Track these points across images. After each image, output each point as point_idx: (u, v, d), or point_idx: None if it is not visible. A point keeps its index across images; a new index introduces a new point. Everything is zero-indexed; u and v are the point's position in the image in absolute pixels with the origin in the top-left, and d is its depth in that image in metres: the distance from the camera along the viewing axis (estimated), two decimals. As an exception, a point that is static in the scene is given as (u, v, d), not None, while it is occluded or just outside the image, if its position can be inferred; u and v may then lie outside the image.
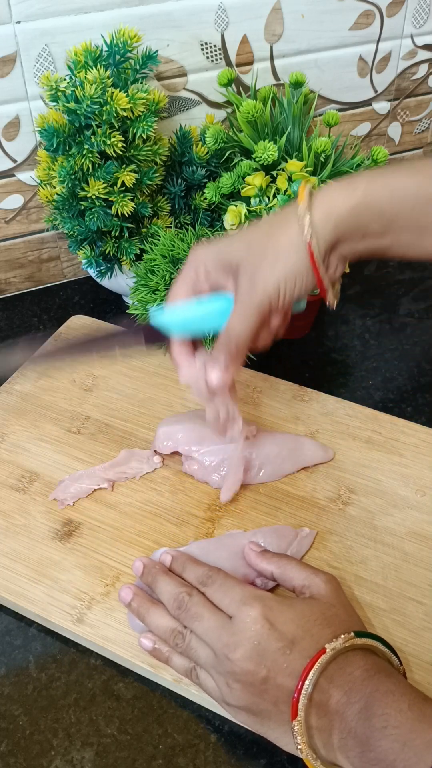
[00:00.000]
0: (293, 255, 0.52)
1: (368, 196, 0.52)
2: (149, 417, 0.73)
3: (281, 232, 0.53)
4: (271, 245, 0.53)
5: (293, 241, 0.52)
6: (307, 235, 0.52)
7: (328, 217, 0.52)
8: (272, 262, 0.53)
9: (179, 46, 0.81)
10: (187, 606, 0.52)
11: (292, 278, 0.53)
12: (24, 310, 0.90)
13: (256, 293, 0.53)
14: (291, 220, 0.53)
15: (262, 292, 0.53)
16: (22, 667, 0.57)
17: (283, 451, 0.67)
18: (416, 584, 0.59)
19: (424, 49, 0.94)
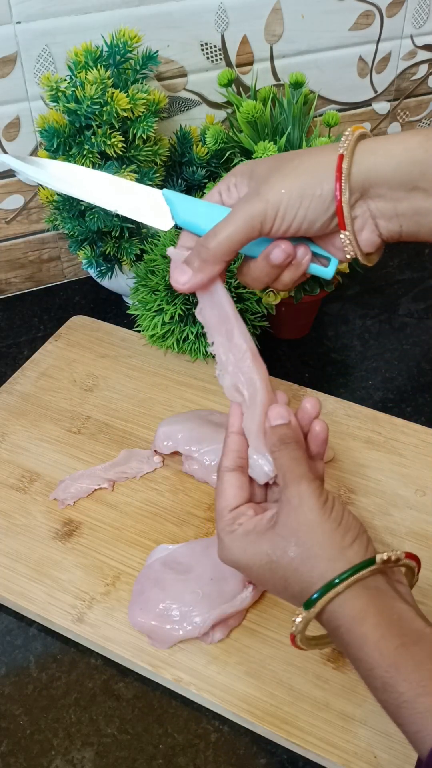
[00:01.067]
0: (311, 171, 0.46)
1: (426, 145, 0.46)
2: (149, 417, 0.73)
3: (312, 152, 0.48)
4: (295, 161, 0.47)
5: (319, 161, 0.47)
6: (343, 148, 0.46)
7: (374, 152, 0.46)
8: (285, 173, 0.47)
9: (179, 47, 0.81)
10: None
11: (299, 196, 0.46)
12: (24, 310, 0.90)
13: (254, 198, 0.47)
14: (328, 147, 0.47)
15: (259, 199, 0.47)
16: (22, 666, 0.57)
17: None
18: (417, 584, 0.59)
19: (424, 49, 0.94)
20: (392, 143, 0.47)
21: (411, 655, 0.40)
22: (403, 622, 0.42)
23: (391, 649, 0.40)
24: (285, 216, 0.47)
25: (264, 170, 0.49)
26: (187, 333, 0.76)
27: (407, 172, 0.46)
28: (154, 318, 0.76)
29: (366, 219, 0.49)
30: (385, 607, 0.42)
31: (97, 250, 0.78)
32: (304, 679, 0.54)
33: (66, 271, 0.94)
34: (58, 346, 0.81)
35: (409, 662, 0.40)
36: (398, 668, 0.40)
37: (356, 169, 0.46)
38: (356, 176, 0.46)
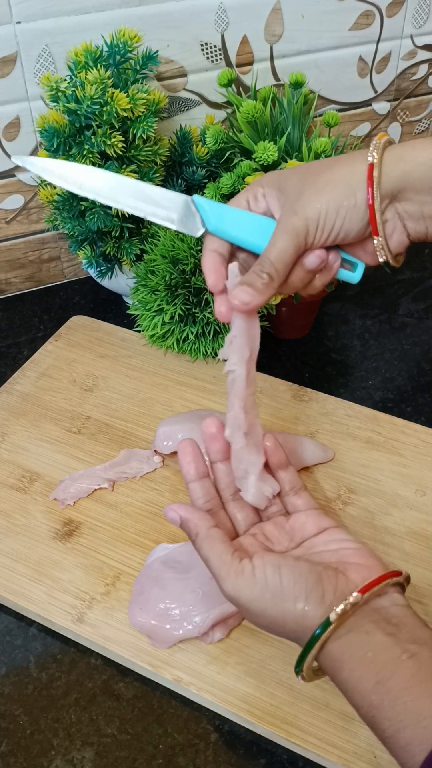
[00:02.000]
0: (344, 183, 0.48)
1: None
2: (149, 417, 0.73)
3: (342, 163, 0.49)
4: (326, 173, 0.49)
5: (351, 172, 0.48)
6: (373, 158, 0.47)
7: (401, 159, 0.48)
8: (319, 188, 0.49)
9: (179, 47, 0.81)
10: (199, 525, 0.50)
11: (335, 209, 0.48)
12: (24, 311, 0.90)
13: (294, 217, 0.49)
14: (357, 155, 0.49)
15: (299, 217, 0.49)
16: (22, 666, 0.57)
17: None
18: (416, 584, 0.59)
19: (424, 49, 0.94)
20: (419, 150, 0.48)
21: (387, 692, 0.41)
22: (379, 656, 0.42)
23: (369, 690, 0.41)
24: (324, 229, 0.50)
25: (295, 185, 0.50)
26: (187, 333, 0.76)
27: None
28: (154, 318, 0.76)
29: (396, 222, 0.51)
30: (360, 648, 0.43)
31: (97, 250, 0.78)
32: (304, 679, 0.54)
33: (66, 271, 0.94)
34: (58, 346, 0.81)
35: (385, 699, 0.41)
36: (377, 707, 0.41)
37: (386, 176, 0.48)
38: (386, 183, 0.48)
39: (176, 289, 0.75)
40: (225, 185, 0.77)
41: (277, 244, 0.50)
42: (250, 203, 0.53)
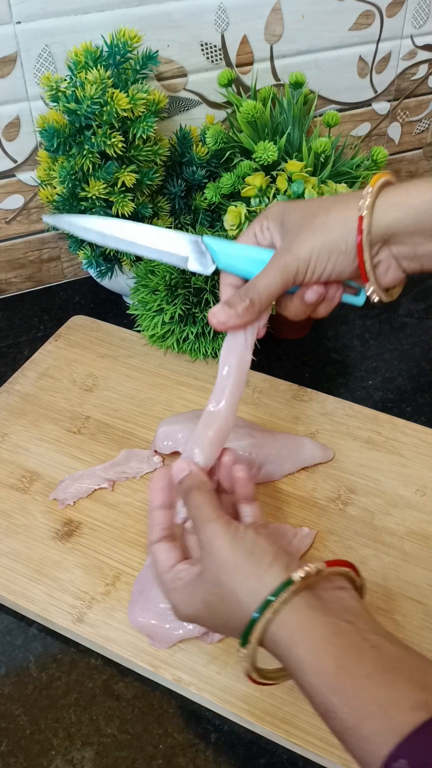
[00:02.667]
0: (338, 228, 0.50)
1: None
2: (149, 417, 0.73)
3: (338, 206, 0.50)
4: (322, 214, 0.50)
5: (344, 216, 0.49)
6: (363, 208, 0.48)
7: (395, 205, 0.49)
8: (314, 229, 0.50)
9: (179, 47, 0.81)
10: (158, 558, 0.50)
11: (327, 252, 0.50)
12: (24, 311, 0.90)
13: (288, 257, 0.51)
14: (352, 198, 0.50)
15: (292, 256, 0.51)
16: (22, 666, 0.57)
17: (283, 451, 0.67)
18: (416, 584, 0.59)
19: (424, 49, 0.94)
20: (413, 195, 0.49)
21: (350, 677, 0.39)
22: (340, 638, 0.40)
23: (330, 673, 0.39)
24: (315, 270, 0.51)
25: (295, 221, 0.52)
26: (187, 333, 0.76)
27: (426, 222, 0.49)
28: (154, 318, 0.76)
29: (389, 262, 0.52)
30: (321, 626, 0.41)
31: (97, 249, 0.78)
32: (304, 679, 0.54)
33: (66, 271, 0.94)
34: (58, 346, 0.81)
35: (348, 686, 0.38)
36: (338, 693, 0.39)
37: (377, 224, 0.49)
38: (377, 231, 0.49)
39: (176, 289, 0.75)
40: (225, 185, 0.77)
41: (266, 276, 0.52)
42: (257, 235, 0.55)
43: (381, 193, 0.49)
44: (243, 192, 0.76)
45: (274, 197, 0.75)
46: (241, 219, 0.75)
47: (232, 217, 0.76)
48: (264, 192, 0.75)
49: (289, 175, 0.75)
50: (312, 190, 0.73)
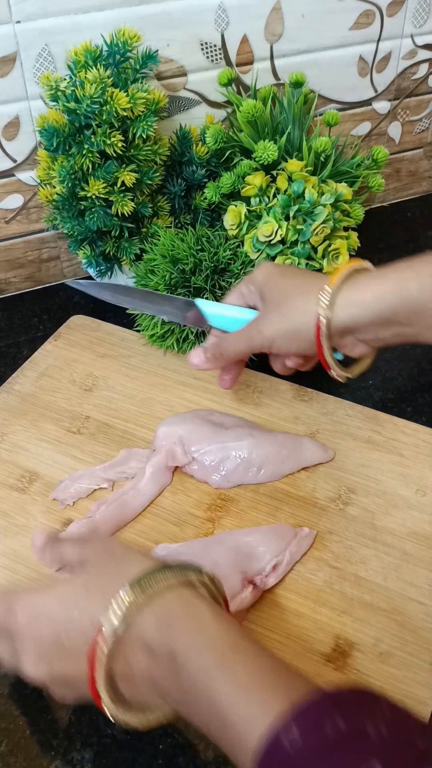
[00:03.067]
0: (299, 319, 0.56)
1: (397, 285, 0.54)
2: (149, 417, 0.73)
3: (303, 294, 0.56)
4: (290, 299, 0.57)
5: (306, 308, 0.55)
6: (320, 312, 0.54)
7: (351, 303, 0.54)
8: (281, 315, 0.57)
9: (179, 46, 0.81)
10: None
11: (290, 337, 0.57)
12: (24, 310, 0.90)
13: (255, 331, 0.59)
14: (316, 287, 0.55)
15: (258, 334, 0.59)
16: (22, 667, 0.57)
17: (283, 451, 0.67)
18: (416, 584, 0.59)
19: (424, 48, 0.94)
20: (366, 291, 0.55)
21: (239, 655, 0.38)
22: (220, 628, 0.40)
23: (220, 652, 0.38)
24: (281, 347, 0.60)
25: (270, 297, 0.59)
26: (187, 333, 0.76)
27: (381, 317, 0.54)
28: (154, 318, 0.76)
29: (354, 343, 0.59)
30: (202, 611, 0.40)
31: (96, 249, 0.78)
32: (304, 679, 0.54)
33: (65, 270, 0.94)
34: (58, 346, 0.81)
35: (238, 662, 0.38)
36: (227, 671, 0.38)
37: (335, 321, 0.55)
38: (336, 327, 0.55)
39: (176, 289, 0.75)
40: (225, 185, 0.77)
41: (236, 341, 0.61)
42: (244, 294, 0.63)
43: (342, 289, 0.54)
44: (243, 191, 0.76)
45: (274, 197, 0.75)
46: (241, 218, 0.75)
47: (232, 217, 0.76)
48: (264, 191, 0.75)
49: (289, 175, 0.75)
50: (312, 190, 0.73)
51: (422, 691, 0.53)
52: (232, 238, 0.77)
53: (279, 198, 0.73)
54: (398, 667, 0.54)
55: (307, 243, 0.73)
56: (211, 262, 0.74)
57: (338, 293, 0.54)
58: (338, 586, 0.59)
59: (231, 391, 0.74)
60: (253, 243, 0.74)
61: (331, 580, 0.60)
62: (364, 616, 0.57)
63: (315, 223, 0.72)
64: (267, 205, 0.75)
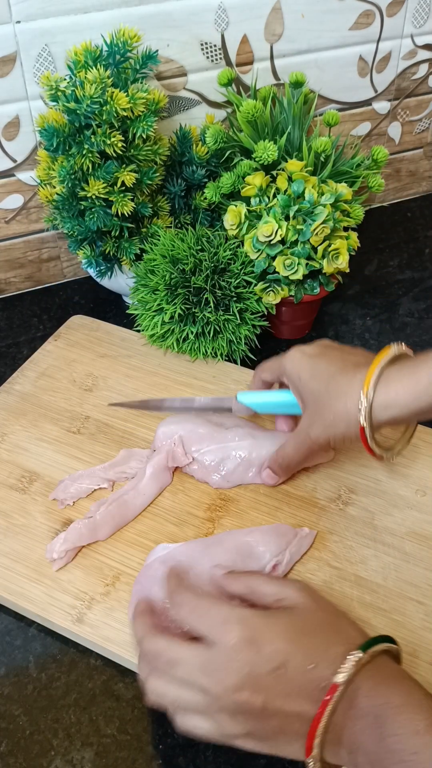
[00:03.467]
0: (343, 425, 0.58)
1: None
2: (149, 417, 0.73)
3: (341, 399, 0.58)
4: (329, 407, 0.58)
5: (346, 415, 0.57)
6: (362, 423, 0.56)
7: (389, 406, 0.56)
8: (327, 423, 0.59)
9: (179, 46, 0.81)
10: (157, 657, 0.46)
11: (339, 439, 0.59)
12: (24, 310, 0.90)
13: (309, 439, 0.61)
14: (351, 392, 0.57)
15: (313, 442, 0.61)
16: (22, 667, 0.57)
17: None
18: (416, 584, 0.59)
19: (424, 48, 0.94)
20: (402, 395, 0.56)
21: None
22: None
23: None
24: (334, 446, 0.68)
25: (309, 403, 0.61)
26: (187, 333, 0.76)
27: (420, 411, 0.56)
28: (154, 318, 0.76)
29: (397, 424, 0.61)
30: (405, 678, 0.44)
31: (96, 249, 0.78)
32: (304, 679, 0.54)
33: (65, 270, 0.94)
34: (58, 346, 0.81)
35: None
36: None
37: (376, 422, 0.57)
38: (378, 425, 0.57)
39: (176, 289, 0.74)
40: (225, 185, 0.77)
41: (297, 453, 0.63)
42: (274, 371, 0.65)
43: (377, 394, 0.56)
44: (243, 191, 0.76)
45: (274, 197, 0.75)
46: (241, 218, 0.75)
47: (232, 217, 0.76)
48: (264, 191, 0.75)
49: (289, 175, 0.75)
50: (312, 190, 0.73)
51: (422, 691, 0.53)
52: (232, 238, 0.77)
53: (279, 198, 0.73)
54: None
55: (307, 243, 0.73)
56: (211, 262, 0.74)
57: (374, 399, 0.56)
58: (338, 586, 0.59)
59: (231, 391, 0.74)
60: (253, 243, 0.74)
61: (331, 580, 0.60)
62: (364, 616, 0.57)
63: (315, 223, 0.72)
64: (267, 205, 0.75)
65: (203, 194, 0.80)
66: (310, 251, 0.73)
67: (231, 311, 0.75)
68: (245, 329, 0.76)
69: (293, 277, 0.73)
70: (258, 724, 0.44)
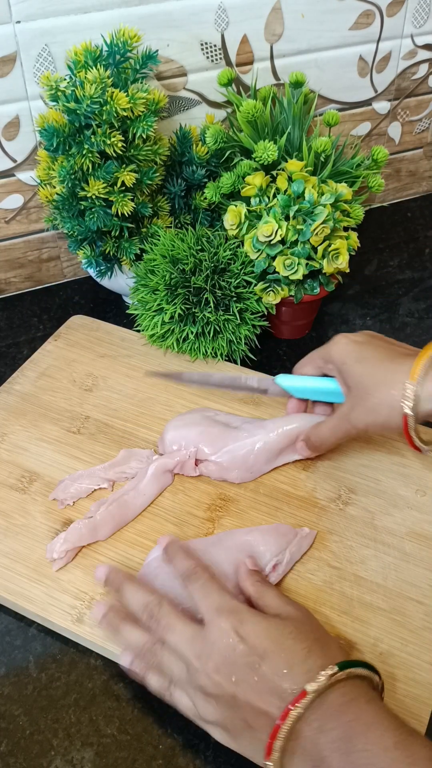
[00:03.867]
0: (386, 412, 0.57)
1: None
2: (149, 417, 0.73)
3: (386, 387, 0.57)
4: (374, 394, 0.58)
5: (391, 403, 0.56)
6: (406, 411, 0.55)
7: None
8: (368, 409, 0.58)
9: (179, 46, 0.81)
10: (158, 617, 0.51)
11: (380, 427, 0.59)
12: (24, 310, 0.90)
13: (349, 425, 0.60)
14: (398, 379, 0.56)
15: (353, 427, 0.60)
16: (22, 667, 0.57)
17: (296, 431, 0.67)
18: (416, 584, 0.59)
19: (424, 48, 0.94)
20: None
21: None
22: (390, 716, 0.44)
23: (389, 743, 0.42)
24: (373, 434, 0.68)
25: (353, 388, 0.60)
26: (187, 333, 0.76)
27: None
28: (154, 318, 0.76)
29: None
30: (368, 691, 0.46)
31: (96, 249, 0.78)
32: (304, 679, 0.54)
33: (65, 270, 0.94)
34: (58, 346, 0.81)
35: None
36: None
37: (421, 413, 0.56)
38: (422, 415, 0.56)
39: (176, 289, 0.74)
40: (225, 185, 0.77)
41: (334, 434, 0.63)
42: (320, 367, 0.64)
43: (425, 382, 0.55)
44: (243, 191, 0.76)
45: (274, 197, 0.75)
46: (241, 218, 0.75)
47: (232, 217, 0.76)
48: (264, 191, 0.75)
49: (289, 175, 0.75)
50: (312, 190, 0.73)
51: (422, 691, 0.53)
52: (232, 238, 0.77)
53: (279, 198, 0.73)
54: (398, 667, 0.54)
55: (307, 243, 0.73)
56: (211, 262, 0.74)
57: (421, 389, 0.55)
58: (338, 586, 0.59)
59: (231, 391, 0.74)
60: (253, 243, 0.74)
61: (331, 580, 0.60)
62: (364, 616, 0.57)
63: (315, 223, 0.72)
64: (267, 205, 0.74)
65: (203, 194, 0.80)
66: (310, 251, 0.73)
67: (231, 311, 0.75)
68: (245, 329, 0.76)
69: (293, 277, 0.73)
70: (227, 713, 0.46)
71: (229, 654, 0.47)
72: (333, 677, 0.44)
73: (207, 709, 0.47)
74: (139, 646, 0.51)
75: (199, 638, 0.48)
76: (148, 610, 0.51)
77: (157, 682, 0.50)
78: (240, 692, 0.46)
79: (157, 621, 0.51)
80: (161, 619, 0.50)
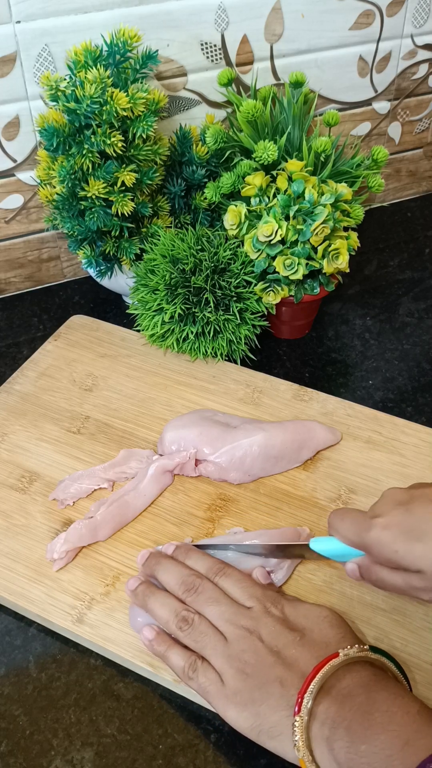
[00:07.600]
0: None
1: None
2: (149, 417, 0.73)
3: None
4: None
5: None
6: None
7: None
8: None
9: (179, 46, 0.81)
10: (199, 590, 0.53)
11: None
12: (24, 310, 0.90)
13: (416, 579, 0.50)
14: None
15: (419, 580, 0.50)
16: (22, 667, 0.57)
17: (297, 437, 0.67)
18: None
19: (424, 48, 0.94)
20: None
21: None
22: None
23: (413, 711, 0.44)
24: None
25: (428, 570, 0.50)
26: (187, 332, 0.76)
27: None
28: (154, 317, 0.76)
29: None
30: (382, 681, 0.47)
31: (96, 249, 0.78)
32: (304, 679, 0.54)
33: (65, 270, 0.94)
34: (58, 346, 0.81)
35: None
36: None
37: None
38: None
39: (176, 289, 0.74)
40: (225, 185, 0.77)
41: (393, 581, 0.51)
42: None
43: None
44: (243, 191, 0.76)
45: (274, 197, 0.75)
46: (241, 218, 0.75)
47: (232, 217, 0.76)
48: (264, 191, 0.75)
49: (289, 175, 0.75)
50: (312, 190, 0.73)
51: (422, 691, 0.53)
52: (232, 238, 0.77)
53: (279, 198, 0.73)
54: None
55: (307, 243, 0.73)
56: (211, 262, 0.74)
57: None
58: (338, 586, 0.59)
59: (231, 391, 0.74)
60: (253, 243, 0.74)
61: (331, 580, 0.60)
62: (364, 616, 0.57)
63: (315, 223, 0.72)
64: (267, 205, 0.74)
65: (203, 194, 0.80)
66: (310, 251, 0.73)
67: (231, 311, 0.75)
68: (245, 329, 0.76)
69: (293, 277, 0.73)
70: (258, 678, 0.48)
71: (272, 629, 0.50)
72: (363, 651, 0.48)
73: (236, 678, 0.49)
74: (171, 613, 0.53)
75: (245, 614, 0.52)
76: (187, 582, 0.54)
77: (180, 658, 0.52)
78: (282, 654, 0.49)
79: (198, 593, 0.53)
80: (203, 592, 0.53)
